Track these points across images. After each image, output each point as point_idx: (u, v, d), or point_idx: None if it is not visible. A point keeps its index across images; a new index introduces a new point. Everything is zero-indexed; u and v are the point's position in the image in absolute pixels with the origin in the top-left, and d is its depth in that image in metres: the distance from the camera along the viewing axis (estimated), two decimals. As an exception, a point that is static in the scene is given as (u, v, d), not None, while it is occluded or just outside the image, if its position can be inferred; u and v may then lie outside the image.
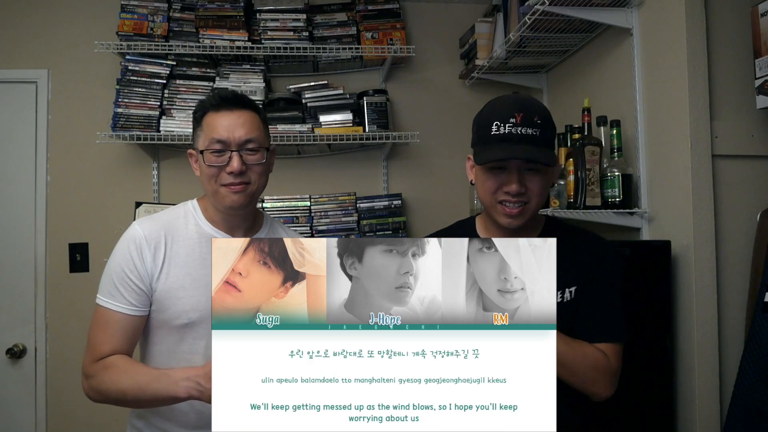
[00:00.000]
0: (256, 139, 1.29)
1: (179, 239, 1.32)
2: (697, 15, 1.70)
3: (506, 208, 1.20)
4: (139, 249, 1.28)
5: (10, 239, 2.55)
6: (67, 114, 2.62)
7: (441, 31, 2.87)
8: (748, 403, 1.46)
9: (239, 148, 1.27)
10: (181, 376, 1.15)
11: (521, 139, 1.16)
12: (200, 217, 1.36)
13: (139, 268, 1.27)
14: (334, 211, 2.62)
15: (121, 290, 1.27)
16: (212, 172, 1.27)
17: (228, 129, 1.27)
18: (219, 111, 1.29)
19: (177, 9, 2.55)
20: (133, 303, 1.27)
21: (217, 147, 1.26)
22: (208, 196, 1.33)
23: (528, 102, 1.22)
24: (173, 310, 1.28)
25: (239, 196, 1.28)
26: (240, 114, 1.29)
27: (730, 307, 1.70)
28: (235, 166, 1.25)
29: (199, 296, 1.28)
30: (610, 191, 1.86)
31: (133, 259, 1.28)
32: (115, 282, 1.28)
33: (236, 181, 1.27)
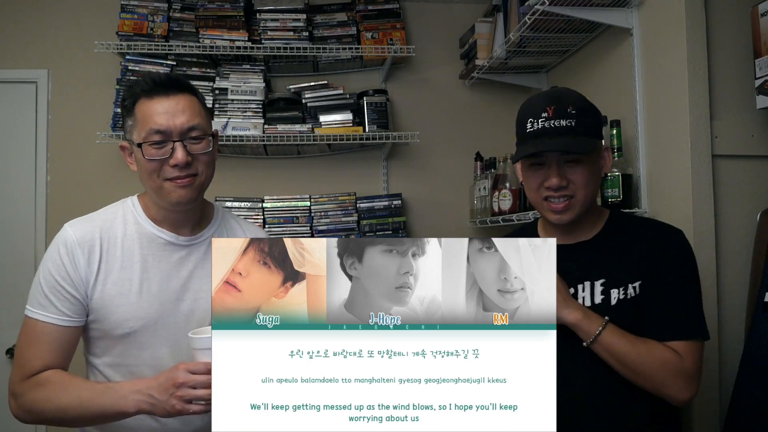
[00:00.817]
0: (199, 126, 1.17)
1: (117, 241, 1.20)
2: (697, 15, 1.70)
3: (551, 204, 1.18)
4: (71, 254, 1.16)
5: (10, 239, 2.55)
6: (67, 114, 2.62)
7: (441, 31, 2.87)
8: (748, 403, 1.46)
9: (182, 137, 1.14)
10: (129, 389, 1.06)
11: (556, 131, 1.15)
12: (141, 215, 1.23)
13: (71, 274, 1.16)
14: (334, 211, 2.62)
15: (52, 300, 1.15)
16: (153, 167, 1.14)
17: (167, 117, 1.13)
18: (152, 97, 1.15)
19: (177, 9, 2.55)
20: (66, 313, 1.16)
21: (156, 138, 1.13)
22: (150, 193, 1.21)
23: (560, 94, 1.21)
24: (112, 319, 1.17)
25: (187, 191, 1.16)
26: (177, 99, 1.16)
27: (730, 307, 1.70)
28: (180, 158, 1.13)
29: (140, 302, 1.18)
30: (610, 191, 1.86)
31: (65, 264, 1.16)
32: (45, 291, 1.16)
33: (182, 174, 1.14)
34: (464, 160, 2.77)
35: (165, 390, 1.03)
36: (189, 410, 1.02)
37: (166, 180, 1.15)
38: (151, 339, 1.19)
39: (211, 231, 1.29)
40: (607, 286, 1.19)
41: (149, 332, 1.19)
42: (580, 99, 1.21)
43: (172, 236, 1.23)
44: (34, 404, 1.12)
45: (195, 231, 1.26)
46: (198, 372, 1.01)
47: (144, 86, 1.17)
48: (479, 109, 2.86)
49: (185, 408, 1.01)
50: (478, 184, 2.57)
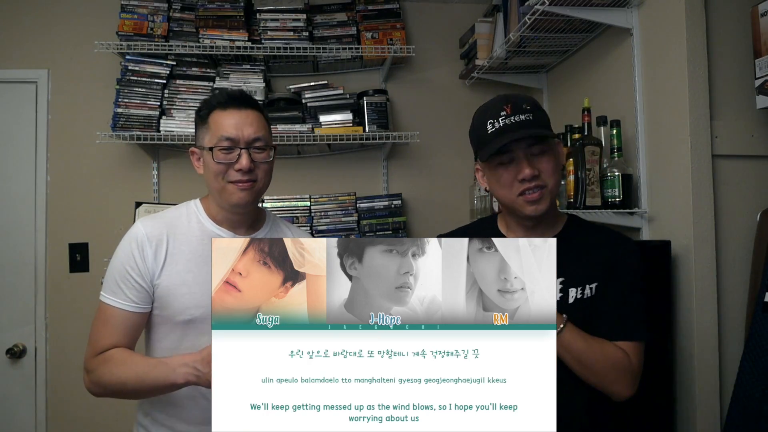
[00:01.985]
0: (263, 138, 1.31)
1: (181, 237, 1.33)
2: (697, 15, 1.70)
3: (527, 195, 1.20)
4: (140, 247, 1.30)
5: (10, 239, 2.55)
6: (67, 114, 2.62)
7: (441, 31, 2.87)
8: (748, 403, 1.46)
9: (248, 146, 1.29)
10: (178, 362, 1.16)
11: (518, 125, 1.18)
12: (203, 215, 1.37)
13: (140, 265, 1.29)
14: (334, 211, 2.62)
15: (122, 288, 1.29)
16: (220, 169, 1.29)
17: (237, 127, 1.28)
18: (227, 109, 1.30)
19: (177, 9, 2.55)
20: (134, 300, 1.29)
21: (226, 144, 1.28)
22: (213, 194, 1.34)
23: (511, 94, 1.25)
24: (175, 307, 1.29)
25: (246, 194, 1.29)
26: (248, 113, 1.31)
27: (730, 307, 1.70)
28: (245, 164, 1.27)
29: (201, 293, 1.29)
30: (610, 191, 1.86)
31: (135, 257, 1.29)
32: (117, 279, 1.30)
33: (244, 178, 1.28)
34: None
35: (208, 363, 1.08)
36: None
37: (230, 182, 1.29)
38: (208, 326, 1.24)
39: (265, 231, 1.42)
40: (566, 285, 1.23)
41: (207, 320, 1.26)
42: (532, 98, 1.25)
43: (230, 234, 1.36)
44: (101, 378, 1.25)
45: (250, 232, 1.40)
46: None
47: (220, 99, 1.32)
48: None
49: None
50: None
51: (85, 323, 2.04)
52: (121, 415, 2.38)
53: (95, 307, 1.36)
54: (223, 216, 1.36)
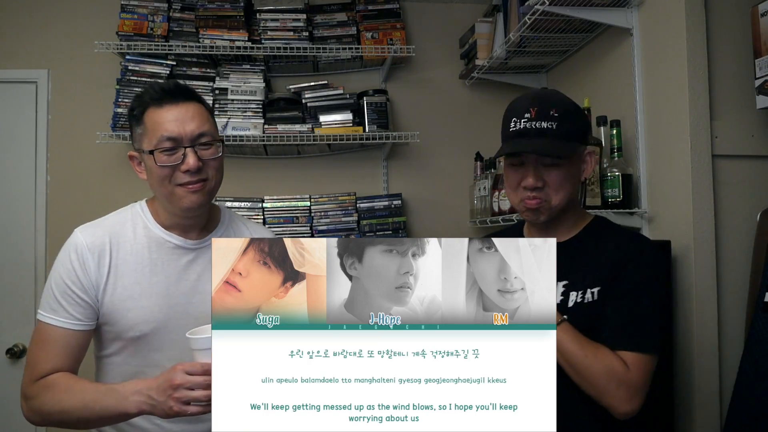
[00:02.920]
0: (208, 132, 1.19)
1: (126, 245, 1.22)
2: (697, 15, 1.70)
3: (527, 202, 1.20)
4: (81, 258, 1.19)
5: (10, 239, 2.55)
6: (67, 114, 2.62)
7: (441, 31, 2.87)
8: (748, 403, 1.46)
9: (192, 144, 1.16)
10: (130, 390, 1.07)
11: (536, 133, 1.16)
12: (150, 220, 1.26)
13: (82, 279, 1.18)
14: (334, 211, 2.62)
15: (63, 304, 1.18)
16: (165, 173, 1.17)
17: (177, 124, 1.16)
18: (162, 105, 1.17)
19: (177, 9, 2.55)
20: (77, 317, 1.18)
21: (168, 145, 1.15)
22: (160, 199, 1.23)
23: (546, 95, 1.22)
24: (123, 323, 1.19)
25: (198, 196, 1.18)
26: (186, 107, 1.18)
27: (730, 307, 1.70)
28: (192, 163, 1.15)
29: (150, 306, 1.20)
30: (610, 191, 1.86)
31: (75, 269, 1.19)
32: (56, 295, 1.19)
33: (194, 179, 1.17)
34: (464, 160, 2.76)
35: (163, 391, 1.02)
36: (187, 411, 1.01)
37: (178, 186, 1.18)
38: (162, 341, 1.21)
39: (219, 233, 1.31)
40: (568, 288, 1.20)
41: (160, 335, 1.21)
42: (566, 102, 1.21)
43: (180, 240, 1.25)
44: (42, 406, 1.15)
45: (202, 234, 1.28)
46: (195, 373, 1.01)
47: (153, 95, 1.19)
48: (479, 109, 2.86)
49: (183, 409, 1.01)
50: (478, 184, 2.57)
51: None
52: (121, 415, 2.37)
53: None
54: (173, 221, 1.25)
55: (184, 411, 1.01)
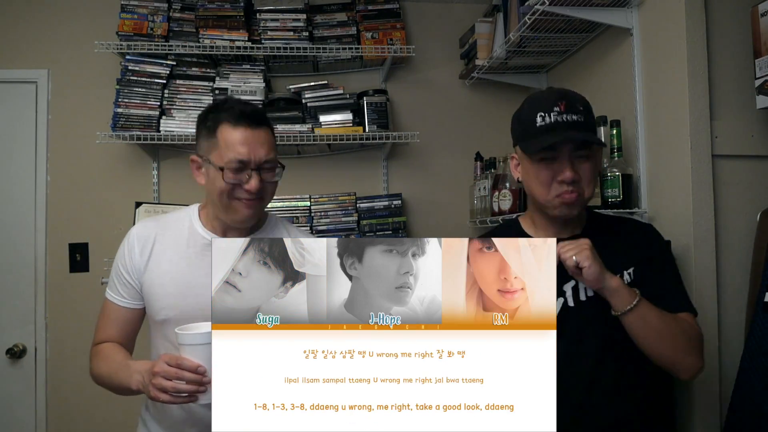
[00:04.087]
0: (273, 159, 1.31)
1: (169, 238, 1.35)
2: (697, 15, 1.70)
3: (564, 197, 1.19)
4: (131, 246, 1.35)
5: (10, 239, 2.55)
6: (67, 114, 2.62)
7: (441, 31, 2.87)
8: (748, 403, 1.46)
9: (258, 167, 1.27)
10: (135, 368, 1.18)
11: (568, 125, 1.17)
12: (196, 219, 1.37)
13: (128, 263, 1.34)
14: (334, 211, 2.62)
15: (116, 284, 1.36)
16: (228, 188, 1.27)
17: (248, 148, 1.26)
18: (237, 127, 1.26)
19: (177, 9, 2.55)
20: (124, 296, 1.35)
21: (237, 166, 1.25)
22: (217, 208, 1.32)
23: (568, 91, 1.24)
24: (154, 306, 1.32)
25: (252, 211, 1.30)
26: (259, 132, 1.29)
27: (730, 307, 1.70)
28: (254, 186, 1.26)
29: (176, 294, 1.30)
30: (610, 191, 1.86)
31: (125, 255, 1.35)
32: (113, 276, 1.37)
33: (252, 198, 1.28)
34: (464, 160, 2.77)
35: (148, 375, 1.11)
36: (160, 398, 1.08)
37: (236, 199, 1.28)
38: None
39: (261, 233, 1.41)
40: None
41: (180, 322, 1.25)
42: (584, 98, 1.25)
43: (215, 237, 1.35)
44: (92, 368, 1.32)
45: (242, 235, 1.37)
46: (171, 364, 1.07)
47: (231, 114, 1.27)
48: (479, 109, 2.86)
49: (157, 395, 1.08)
50: (478, 184, 2.57)
51: (84, 323, 2.05)
52: (120, 414, 2.37)
53: (95, 307, 1.38)
54: (219, 225, 1.35)
55: (158, 397, 1.08)
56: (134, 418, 1.44)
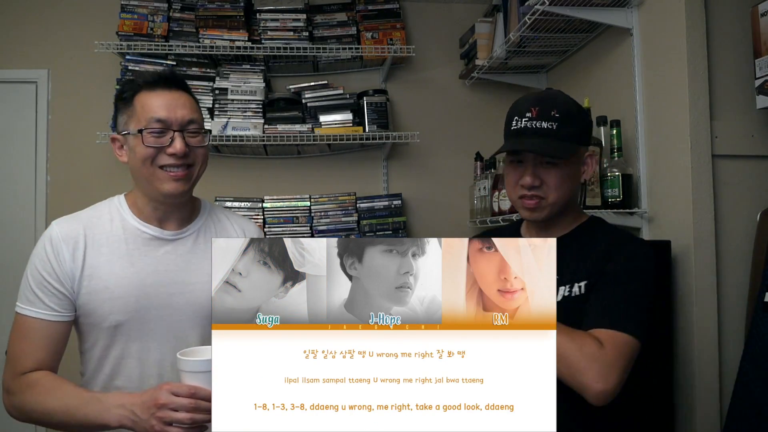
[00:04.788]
0: (197, 120, 1.21)
1: (100, 237, 1.22)
2: (697, 15, 1.70)
3: (525, 201, 1.21)
4: (56, 250, 1.20)
5: (10, 239, 2.55)
6: (67, 114, 2.62)
7: (441, 31, 2.87)
8: (748, 403, 1.46)
9: (181, 129, 1.17)
10: (113, 402, 1.06)
11: (535, 132, 1.17)
12: (126, 212, 1.26)
13: (56, 270, 1.19)
14: (334, 211, 2.62)
15: (40, 295, 1.18)
16: (149, 153, 1.16)
17: (168, 108, 1.17)
18: (155, 90, 1.19)
19: (177, 9, 2.55)
20: (54, 308, 1.18)
21: (157, 127, 1.16)
22: (141, 183, 1.23)
23: (549, 96, 1.23)
24: (99, 313, 1.19)
25: (180, 183, 1.18)
26: (179, 94, 1.20)
27: (730, 307, 1.70)
28: (179, 147, 1.16)
29: (125, 296, 1.19)
30: (610, 191, 1.86)
31: (50, 261, 1.19)
32: (32, 287, 1.20)
33: (178, 163, 1.17)
34: (464, 160, 2.77)
35: (147, 409, 1.01)
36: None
37: (160, 168, 1.18)
38: (139, 332, 1.20)
39: (198, 225, 1.30)
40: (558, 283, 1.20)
41: (137, 325, 1.19)
42: (568, 103, 1.22)
43: (156, 231, 1.24)
44: (24, 404, 1.13)
45: (182, 225, 1.27)
46: (180, 394, 1.00)
47: (147, 78, 1.21)
48: (479, 109, 2.86)
49: (164, 430, 1.00)
50: (478, 184, 2.57)
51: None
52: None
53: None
54: (150, 209, 1.24)
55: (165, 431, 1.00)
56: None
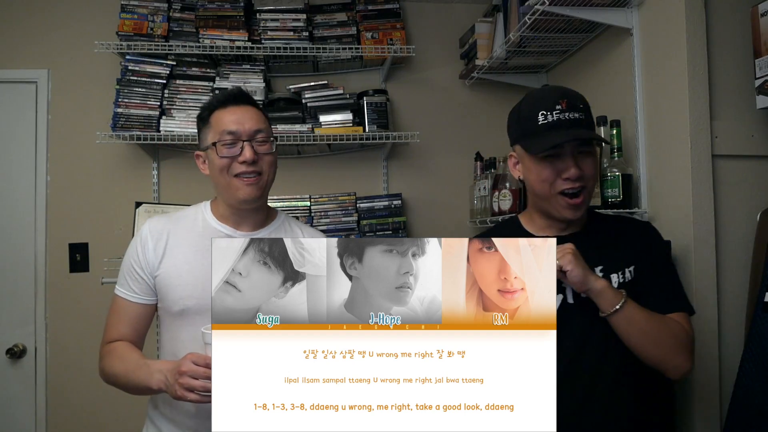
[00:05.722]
0: (264, 130, 1.36)
1: (183, 232, 1.38)
2: (697, 15, 1.70)
3: (567, 198, 1.19)
4: (144, 242, 1.37)
5: (10, 239, 2.55)
6: (67, 114, 2.62)
7: (441, 31, 2.87)
8: (748, 403, 1.46)
9: (250, 138, 1.32)
10: (156, 367, 1.20)
11: (571, 123, 1.18)
12: (209, 214, 1.42)
13: (141, 259, 1.36)
14: (334, 211, 2.62)
15: (128, 280, 1.37)
16: (224, 164, 1.32)
17: (237, 122, 1.33)
18: (227, 107, 1.35)
19: (177, 9, 2.55)
20: (136, 292, 1.37)
21: (228, 139, 1.31)
22: (220, 192, 1.38)
23: (567, 89, 1.25)
24: (170, 298, 1.34)
25: (252, 188, 1.32)
26: (247, 108, 1.36)
27: (730, 307, 1.70)
28: (248, 155, 1.30)
29: (195, 283, 1.32)
30: (610, 191, 1.86)
31: (138, 251, 1.37)
32: (124, 272, 1.39)
33: (249, 170, 1.31)
34: (464, 160, 2.77)
35: (174, 375, 1.13)
36: (187, 398, 1.10)
37: (235, 176, 1.32)
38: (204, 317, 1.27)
39: (270, 229, 1.44)
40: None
41: (201, 311, 1.30)
42: (583, 96, 1.26)
43: (231, 230, 1.39)
44: (104, 367, 1.33)
45: (255, 228, 1.42)
46: (197, 363, 1.10)
47: (219, 98, 1.38)
48: (479, 109, 2.86)
49: (184, 395, 1.10)
50: (478, 184, 2.57)
51: (85, 323, 2.04)
52: (122, 415, 2.37)
53: (95, 307, 1.38)
54: (230, 215, 1.39)
55: (185, 396, 1.10)
56: (137, 418, 1.44)
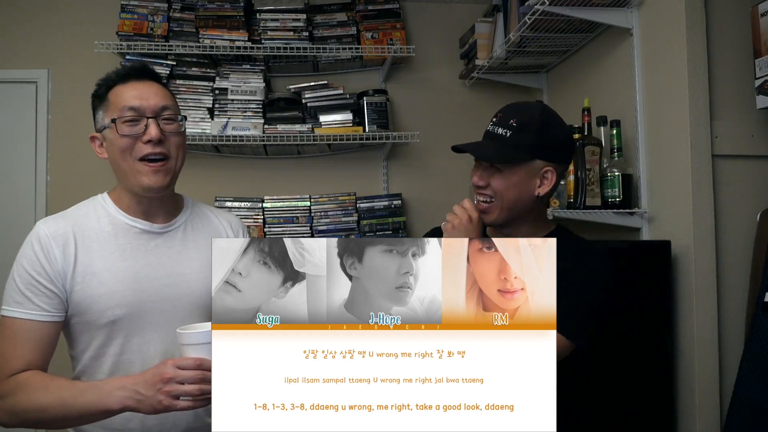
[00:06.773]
0: (171, 107, 1.21)
1: (90, 234, 1.20)
2: (697, 15, 1.70)
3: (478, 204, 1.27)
4: (45, 249, 1.16)
5: (10, 239, 2.55)
6: (67, 114, 2.62)
7: (441, 31, 2.87)
8: (748, 403, 1.46)
9: (155, 115, 1.17)
10: (114, 385, 1.04)
11: (491, 137, 1.22)
12: (112, 208, 1.24)
13: (47, 268, 1.15)
14: (334, 211, 2.62)
15: (29, 296, 1.14)
16: (126, 144, 1.16)
17: (140, 96, 1.19)
18: (127, 82, 1.22)
19: (177, 9, 2.55)
20: (44, 308, 1.14)
21: (129, 115, 1.17)
22: (122, 178, 1.22)
23: (516, 106, 1.24)
24: (95, 309, 1.16)
25: (159, 176, 1.17)
26: (150, 84, 1.22)
27: (730, 307, 1.70)
28: (153, 133, 1.15)
29: (122, 290, 1.17)
30: (610, 191, 1.86)
31: (40, 260, 1.16)
32: (20, 288, 1.15)
33: (155, 151, 1.16)
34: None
35: (152, 385, 1.01)
36: (176, 406, 1.00)
37: (140, 160, 1.17)
38: (137, 326, 1.19)
39: (184, 218, 1.30)
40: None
41: (134, 319, 1.18)
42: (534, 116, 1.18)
43: (146, 224, 1.23)
44: (15, 405, 1.09)
45: (168, 219, 1.27)
46: (186, 367, 1.01)
47: (120, 72, 1.24)
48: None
49: (172, 404, 1.00)
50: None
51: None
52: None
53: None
54: (136, 205, 1.23)
55: (174, 405, 1.00)
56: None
